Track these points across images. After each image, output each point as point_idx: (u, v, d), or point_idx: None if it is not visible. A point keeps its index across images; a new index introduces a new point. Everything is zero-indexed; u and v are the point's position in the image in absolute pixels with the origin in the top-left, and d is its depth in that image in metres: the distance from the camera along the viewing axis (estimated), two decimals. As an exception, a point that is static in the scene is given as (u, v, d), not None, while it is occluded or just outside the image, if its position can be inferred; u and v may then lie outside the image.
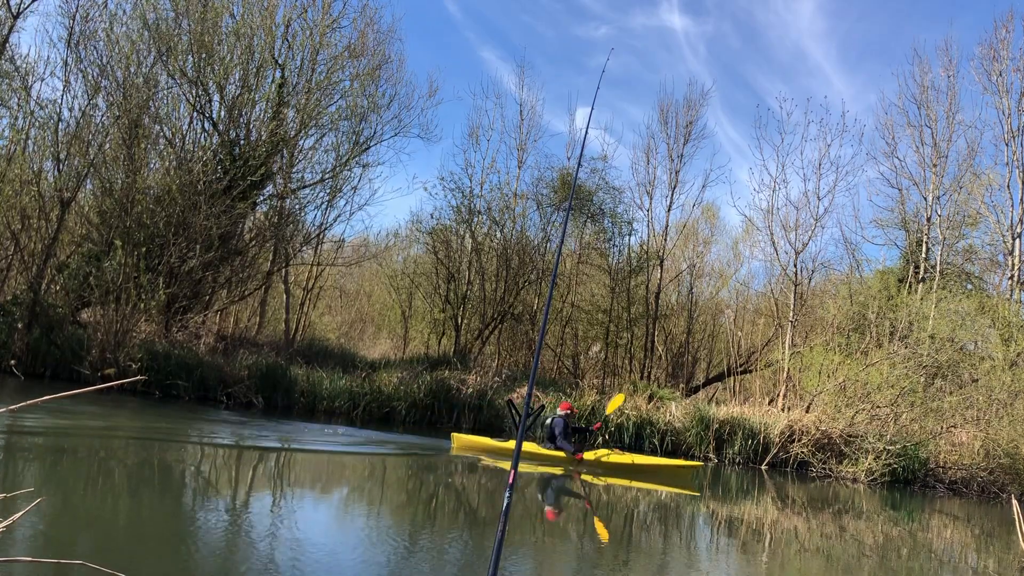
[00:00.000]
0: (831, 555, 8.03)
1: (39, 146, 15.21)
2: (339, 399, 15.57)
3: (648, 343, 22.89)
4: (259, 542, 5.50)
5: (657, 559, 6.81)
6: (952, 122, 21.67)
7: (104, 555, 4.53)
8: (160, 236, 15.08)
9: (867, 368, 17.07)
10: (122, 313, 13.74)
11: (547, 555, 6.34)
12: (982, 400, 16.73)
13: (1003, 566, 8.65)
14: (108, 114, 15.51)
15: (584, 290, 24.23)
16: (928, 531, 11.20)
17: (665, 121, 23.35)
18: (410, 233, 25.00)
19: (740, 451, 15.85)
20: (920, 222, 22.31)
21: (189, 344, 15.51)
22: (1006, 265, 21.32)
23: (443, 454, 12.04)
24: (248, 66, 16.98)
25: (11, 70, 15.46)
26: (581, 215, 22.69)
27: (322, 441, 12.01)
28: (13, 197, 14.54)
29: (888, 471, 15.31)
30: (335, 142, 19.29)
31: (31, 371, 13.54)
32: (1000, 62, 21.51)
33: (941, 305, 19.18)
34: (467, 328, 21.97)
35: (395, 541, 6.16)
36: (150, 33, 15.61)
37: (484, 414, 16.19)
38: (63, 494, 6.00)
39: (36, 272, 14.22)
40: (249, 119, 17.57)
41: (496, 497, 8.65)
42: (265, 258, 19.37)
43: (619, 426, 16.19)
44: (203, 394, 14.47)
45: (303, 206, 19.83)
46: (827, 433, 15.95)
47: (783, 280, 23.03)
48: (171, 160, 16.12)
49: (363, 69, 18.97)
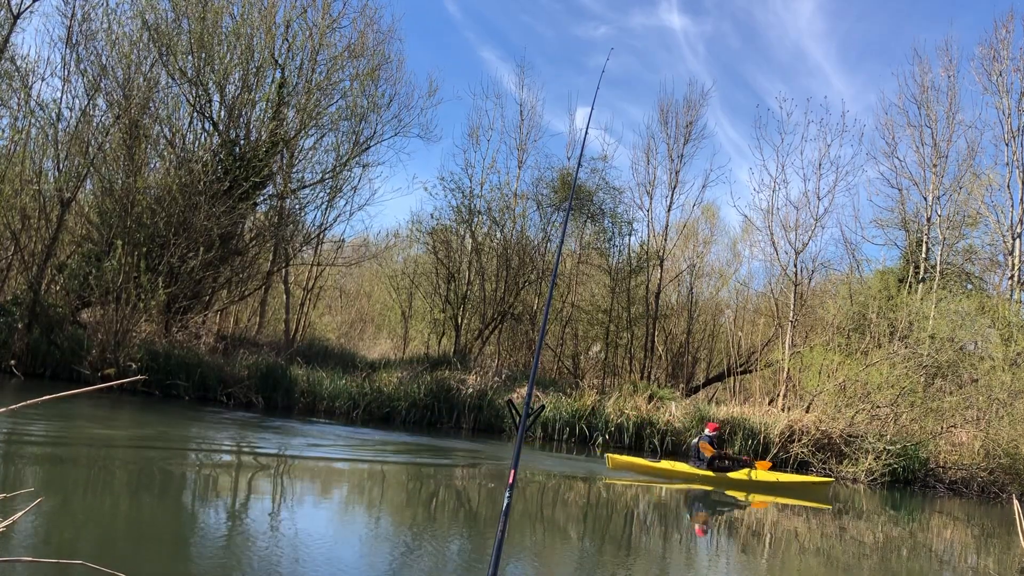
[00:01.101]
0: (831, 555, 8.03)
1: (39, 146, 15.20)
2: (339, 399, 15.59)
3: (648, 343, 22.89)
4: (259, 542, 5.50)
5: (657, 559, 6.81)
6: (952, 122, 21.69)
7: (104, 555, 4.53)
8: (160, 236, 15.07)
9: (867, 368, 17.07)
10: (122, 313, 13.74)
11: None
12: (982, 400, 16.73)
13: (1003, 566, 8.65)
14: (108, 114, 15.51)
15: (584, 290, 24.23)
16: (928, 531, 11.19)
17: (665, 121, 23.38)
18: (410, 233, 24.97)
19: (740, 451, 15.85)
20: (920, 222, 22.31)
21: (189, 344, 15.51)
22: (1006, 265, 21.32)
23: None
24: (248, 66, 16.97)
25: (11, 70, 15.46)
26: (581, 215, 22.69)
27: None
28: (13, 197, 14.53)
29: (888, 471, 15.31)
30: (335, 142, 19.30)
31: (31, 371, 13.53)
32: (1000, 62, 21.53)
33: (941, 305, 19.17)
34: (467, 328, 21.97)
35: (395, 541, 6.16)
36: (150, 33, 15.61)
37: (484, 414, 16.19)
38: (63, 494, 6.00)
39: (36, 272, 14.21)
40: (249, 119, 17.56)
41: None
42: (265, 258, 19.37)
43: (619, 426, 16.20)
44: (203, 394, 14.47)
45: (303, 206, 19.84)
46: (827, 433, 15.96)
47: (783, 280, 23.03)
48: (171, 160, 16.11)
49: (363, 69, 18.96)
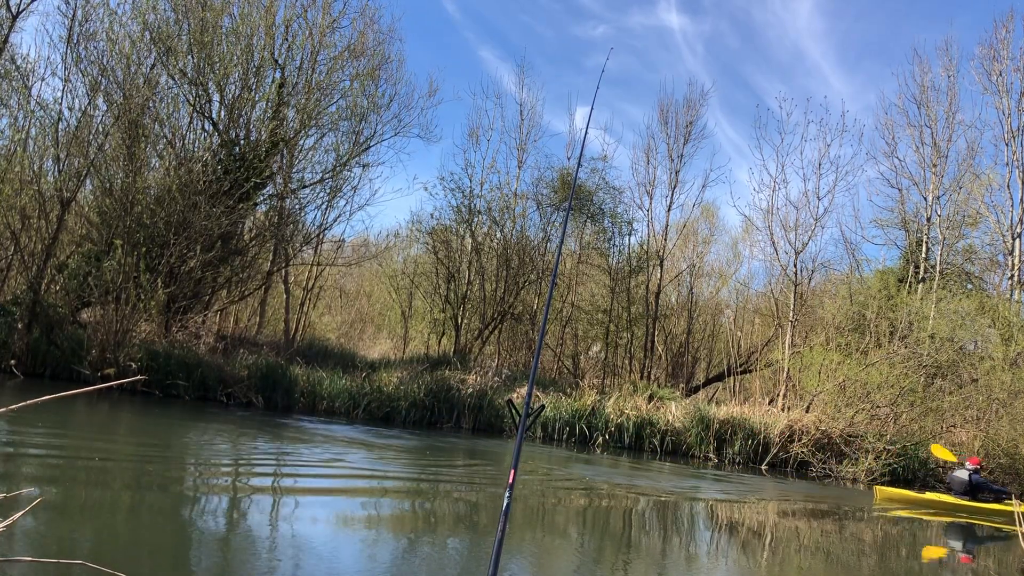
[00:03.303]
0: (831, 555, 8.04)
1: (39, 146, 15.20)
2: (339, 399, 15.60)
3: (648, 343, 22.90)
4: (259, 542, 5.50)
5: (657, 559, 6.82)
6: (952, 122, 21.70)
7: (104, 555, 4.53)
8: (160, 236, 15.07)
9: (867, 368, 17.08)
10: (122, 313, 13.74)
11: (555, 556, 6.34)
12: (982, 400, 16.74)
13: (1003, 566, 8.66)
14: (108, 114, 15.50)
15: (584, 290, 24.24)
16: (928, 531, 11.20)
17: (665, 121, 23.39)
18: (410, 233, 24.97)
19: (740, 451, 15.86)
20: (920, 222, 22.32)
21: (189, 344, 15.50)
22: (1006, 265, 21.34)
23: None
24: (248, 66, 16.97)
25: (11, 70, 15.46)
26: (581, 215, 22.70)
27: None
28: (13, 197, 14.52)
29: (888, 471, 15.33)
30: (335, 142, 19.29)
31: (31, 371, 13.53)
32: (1000, 62, 21.53)
33: (941, 305, 19.18)
34: (467, 328, 21.97)
35: (395, 542, 6.17)
36: (150, 34, 15.62)
37: (484, 414, 16.20)
38: (63, 494, 6.00)
39: (36, 272, 14.20)
40: (249, 119, 17.55)
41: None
42: (265, 258, 19.37)
43: (619, 426, 16.20)
44: (203, 394, 14.47)
45: (303, 206, 19.83)
46: (827, 433, 15.97)
47: (783, 280, 23.04)
48: (171, 160, 16.11)
49: (363, 69, 18.96)
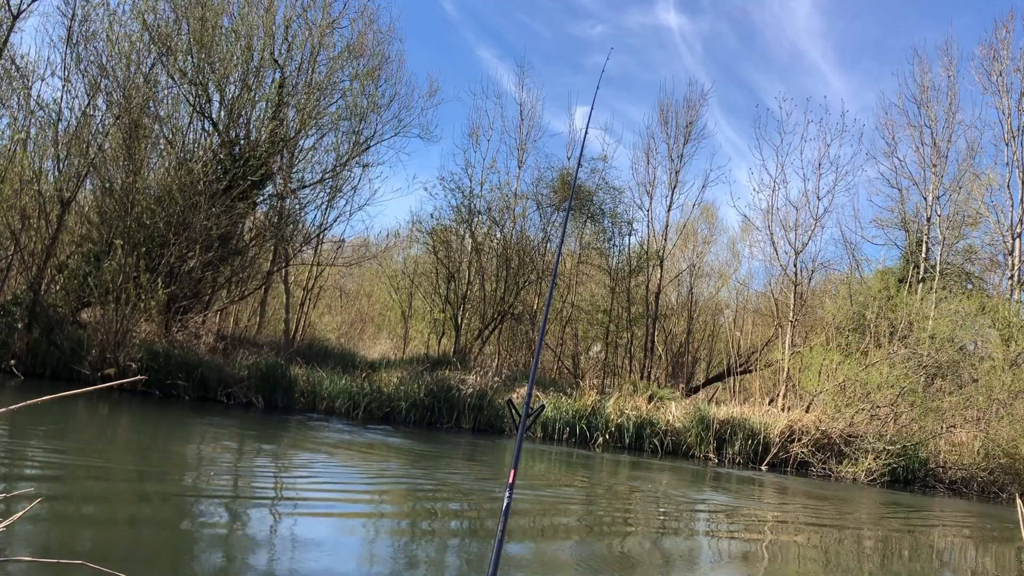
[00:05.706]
0: (830, 554, 8.03)
1: (39, 146, 15.21)
2: (339, 399, 15.60)
3: (648, 343, 22.90)
4: (259, 542, 5.50)
5: (657, 559, 6.81)
6: (952, 122, 21.72)
7: (104, 555, 4.53)
8: (160, 236, 15.08)
9: (867, 368, 17.08)
10: (122, 313, 13.74)
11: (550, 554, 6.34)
12: (982, 400, 16.75)
13: (1003, 566, 8.66)
14: (108, 114, 15.51)
15: (584, 290, 24.24)
16: (928, 531, 11.20)
17: (665, 121, 23.42)
18: (410, 233, 24.97)
19: (740, 451, 15.86)
20: (920, 222, 22.33)
21: (189, 344, 15.51)
22: (1006, 265, 21.35)
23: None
24: (248, 66, 16.98)
25: (11, 70, 15.46)
26: (581, 215, 22.71)
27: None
28: (13, 197, 14.52)
29: (888, 471, 15.33)
30: (335, 142, 19.30)
31: (31, 371, 13.52)
32: (1000, 62, 21.56)
33: (941, 305, 19.19)
34: (467, 328, 21.97)
35: (396, 542, 6.17)
36: (150, 34, 15.62)
37: (484, 414, 16.21)
38: (63, 494, 6.00)
39: (36, 272, 14.20)
40: (249, 119, 17.56)
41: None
42: (265, 258, 19.37)
43: (619, 427, 16.21)
44: (203, 394, 14.47)
45: (303, 206, 19.83)
46: (827, 433, 15.97)
47: (783, 280, 23.06)
48: (171, 160, 16.12)
49: (363, 69, 18.96)
